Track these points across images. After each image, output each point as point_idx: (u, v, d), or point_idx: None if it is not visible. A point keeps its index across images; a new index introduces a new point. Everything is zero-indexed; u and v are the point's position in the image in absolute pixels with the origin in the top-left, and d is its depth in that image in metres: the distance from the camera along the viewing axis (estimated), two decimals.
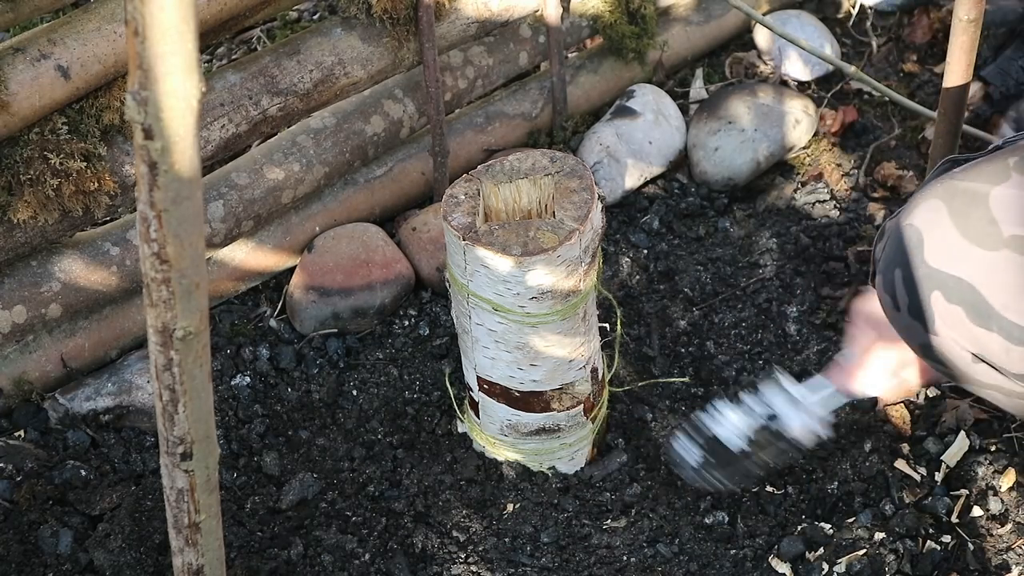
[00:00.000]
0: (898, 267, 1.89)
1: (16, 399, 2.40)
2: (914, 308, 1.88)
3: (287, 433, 2.42)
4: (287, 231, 2.63)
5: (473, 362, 2.21)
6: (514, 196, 2.11)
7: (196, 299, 1.35)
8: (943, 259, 1.83)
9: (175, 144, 1.21)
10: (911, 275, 1.87)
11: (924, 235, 1.85)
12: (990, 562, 2.16)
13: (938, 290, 1.84)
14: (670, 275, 2.68)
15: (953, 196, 1.85)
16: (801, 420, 2.22)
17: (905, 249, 1.88)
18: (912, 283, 1.87)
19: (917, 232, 1.86)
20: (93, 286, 2.40)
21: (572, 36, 2.93)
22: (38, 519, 2.23)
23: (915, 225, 1.87)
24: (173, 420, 1.46)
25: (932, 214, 1.85)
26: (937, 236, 1.84)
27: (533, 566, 2.19)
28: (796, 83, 3.11)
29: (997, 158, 1.88)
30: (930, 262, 1.84)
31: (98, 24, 2.19)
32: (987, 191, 1.82)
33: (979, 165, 1.88)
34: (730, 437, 2.22)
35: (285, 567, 2.19)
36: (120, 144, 2.32)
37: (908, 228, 1.88)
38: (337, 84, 2.53)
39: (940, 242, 1.83)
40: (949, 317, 1.84)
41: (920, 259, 1.85)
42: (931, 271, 1.84)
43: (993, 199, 1.81)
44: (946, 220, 1.83)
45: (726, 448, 2.22)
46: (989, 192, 1.81)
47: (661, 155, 2.88)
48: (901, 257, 1.88)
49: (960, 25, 2.20)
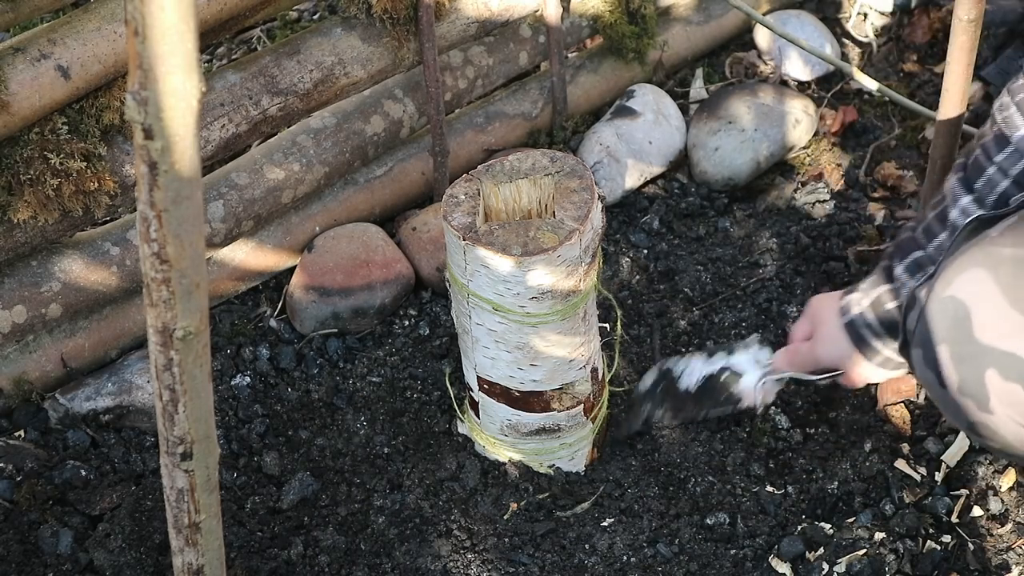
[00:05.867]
0: (942, 343, 1.79)
1: (16, 399, 2.40)
2: (966, 387, 1.78)
3: (287, 433, 2.42)
4: (287, 231, 2.63)
5: (473, 362, 2.21)
6: (514, 196, 2.11)
7: (196, 299, 1.35)
8: (995, 335, 1.73)
9: (175, 144, 1.21)
10: (959, 352, 1.77)
11: (971, 309, 1.75)
12: (990, 562, 2.16)
13: (993, 368, 1.74)
14: (670, 275, 2.68)
15: (998, 264, 1.74)
16: (752, 381, 2.30)
17: (949, 324, 1.78)
18: (961, 361, 1.77)
19: (962, 305, 1.76)
20: (93, 286, 2.40)
21: (572, 36, 2.93)
22: (38, 519, 2.23)
23: (958, 297, 1.77)
24: (173, 420, 1.46)
25: (976, 286, 1.75)
26: (987, 310, 1.74)
27: (533, 566, 2.19)
28: (796, 83, 3.11)
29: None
30: (980, 339, 1.74)
31: (98, 24, 2.19)
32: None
33: (1019, 227, 1.79)
34: (685, 376, 2.33)
35: (285, 567, 2.19)
36: (120, 144, 2.32)
37: (950, 301, 1.78)
38: (337, 84, 2.53)
39: (991, 316, 1.74)
40: (1006, 395, 1.75)
41: (968, 335, 1.75)
42: (983, 348, 1.74)
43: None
44: (994, 291, 1.73)
45: (676, 384, 2.33)
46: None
47: (661, 155, 2.88)
48: (945, 333, 1.78)
49: (960, 25, 2.20)
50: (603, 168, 2.80)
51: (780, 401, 2.43)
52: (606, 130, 2.86)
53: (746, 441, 2.38)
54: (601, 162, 2.80)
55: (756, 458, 2.35)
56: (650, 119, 2.89)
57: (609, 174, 2.80)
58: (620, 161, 2.82)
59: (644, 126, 2.87)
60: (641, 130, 2.87)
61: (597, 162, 2.80)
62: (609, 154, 2.81)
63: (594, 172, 2.72)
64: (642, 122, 2.88)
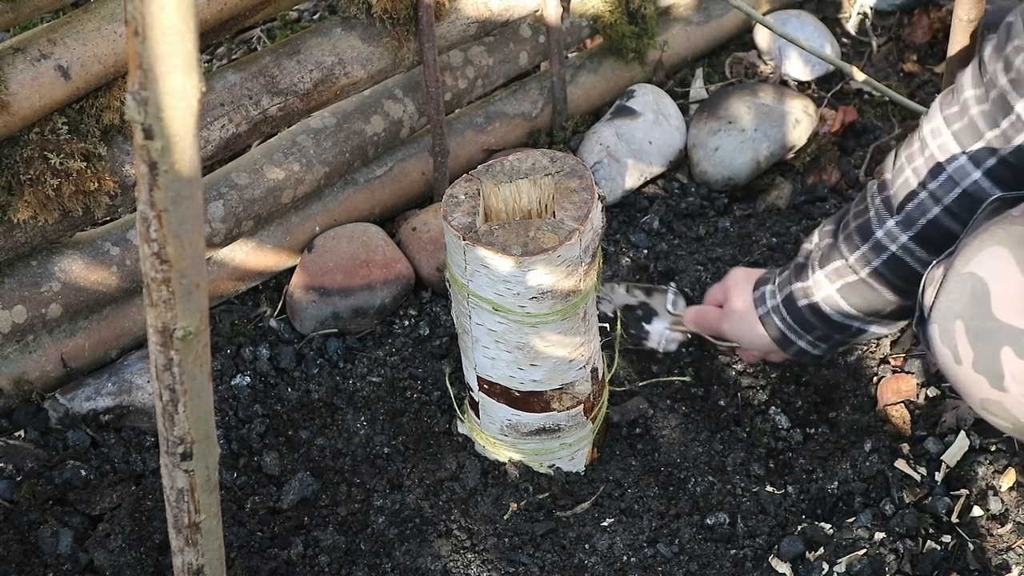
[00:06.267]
0: (959, 319, 1.79)
1: (16, 399, 2.40)
2: (980, 363, 1.79)
3: (287, 433, 2.42)
4: (287, 231, 2.63)
5: (473, 362, 2.21)
6: (514, 196, 2.11)
7: (196, 299, 1.35)
8: (1014, 312, 1.74)
9: (175, 144, 1.21)
10: (976, 328, 1.78)
11: (990, 285, 1.76)
12: (990, 562, 2.16)
13: (1008, 345, 1.75)
14: (670, 275, 2.68)
15: (1019, 242, 1.75)
16: (660, 327, 2.51)
17: (967, 300, 1.78)
18: (978, 337, 1.78)
19: (981, 282, 1.77)
20: (93, 286, 2.41)
21: (572, 36, 2.93)
22: (38, 519, 2.23)
23: (977, 274, 1.77)
24: (173, 420, 1.46)
25: (997, 263, 1.76)
26: (1006, 287, 1.74)
27: (533, 566, 2.19)
28: (796, 83, 3.11)
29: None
30: (999, 315, 1.75)
31: (98, 24, 2.19)
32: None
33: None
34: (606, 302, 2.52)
35: (285, 567, 2.20)
36: (120, 144, 2.32)
37: (969, 277, 1.78)
38: (337, 84, 2.53)
39: (1010, 294, 1.74)
40: (1021, 374, 1.75)
41: (986, 311, 1.76)
42: (1000, 325, 1.75)
43: None
44: (1014, 269, 1.74)
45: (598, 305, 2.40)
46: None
47: (661, 155, 2.88)
48: (962, 308, 1.79)
49: (960, 25, 2.20)
50: (603, 168, 2.80)
51: (780, 401, 2.44)
52: (606, 130, 2.86)
53: (746, 441, 2.38)
54: (601, 162, 2.80)
55: (756, 458, 2.35)
56: (650, 119, 2.89)
57: (609, 174, 2.80)
58: (620, 161, 2.82)
59: (644, 126, 2.87)
60: (641, 130, 2.87)
61: (597, 162, 2.80)
62: (609, 154, 2.81)
63: (594, 172, 2.72)
64: (642, 122, 2.88)
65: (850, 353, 2.49)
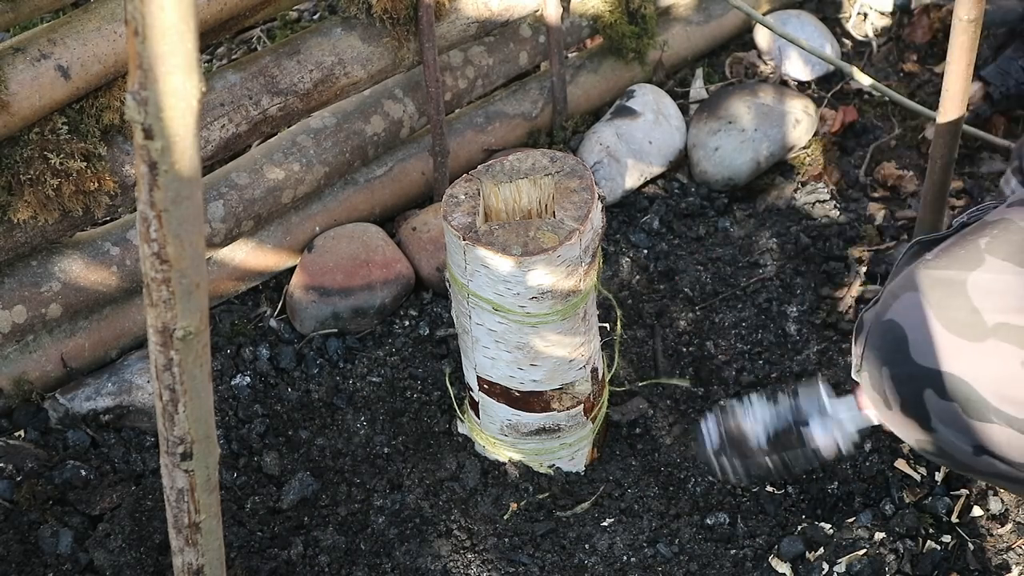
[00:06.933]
0: (884, 365, 1.84)
1: (16, 399, 2.40)
2: (907, 407, 1.84)
3: (287, 433, 2.42)
4: (287, 231, 2.63)
5: (473, 362, 2.21)
6: (514, 196, 2.11)
7: (196, 299, 1.35)
8: (930, 356, 1.78)
9: (175, 144, 1.21)
10: (899, 374, 1.82)
11: (907, 331, 1.80)
12: (990, 562, 2.16)
13: (930, 388, 1.79)
14: (670, 275, 2.68)
15: (931, 287, 1.80)
16: (827, 432, 2.13)
17: (889, 347, 1.83)
18: (901, 382, 1.83)
19: (899, 328, 1.81)
20: (93, 286, 2.40)
21: (572, 36, 2.93)
22: (38, 519, 2.23)
23: (895, 320, 1.82)
24: (173, 420, 1.46)
25: (912, 309, 1.81)
26: (921, 333, 1.79)
27: (533, 566, 2.19)
28: (796, 83, 3.11)
29: (967, 240, 1.82)
30: (917, 360, 1.79)
31: (98, 24, 2.19)
32: (963, 278, 1.77)
33: (951, 250, 1.83)
34: (754, 430, 2.16)
35: (285, 567, 2.19)
36: (120, 144, 2.32)
37: (889, 324, 1.83)
38: (337, 84, 2.53)
39: (925, 338, 1.78)
40: (944, 414, 1.80)
41: (906, 357, 1.81)
42: (919, 369, 1.79)
43: (971, 286, 1.76)
44: (927, 314, 1.78)
45: (746, 439, 2.16)
46: (966, 279, 1.77)
47: (661, 155, 2.88)
48: (885, 355, 1.83)
49: (960, 25, 2.20)
50: (603, 168, 2.80)
51: None
52: (606, 130, 2.86)
53: None
54: (601, 162, 2.80)
55: None
56: (650, 119, 2.89)
57: (609, 174, 2.80)
58: (620, 161, 2.82)
59: (644, 126, 2.87)
60: (641, 130, 2.87)
61: (597, 162, 2.80)
62: (609, 154, 2.81)
63: (594, 172, 2.72)
64: (642, 122, 2.88)
65: (849, 352, 2.49)
